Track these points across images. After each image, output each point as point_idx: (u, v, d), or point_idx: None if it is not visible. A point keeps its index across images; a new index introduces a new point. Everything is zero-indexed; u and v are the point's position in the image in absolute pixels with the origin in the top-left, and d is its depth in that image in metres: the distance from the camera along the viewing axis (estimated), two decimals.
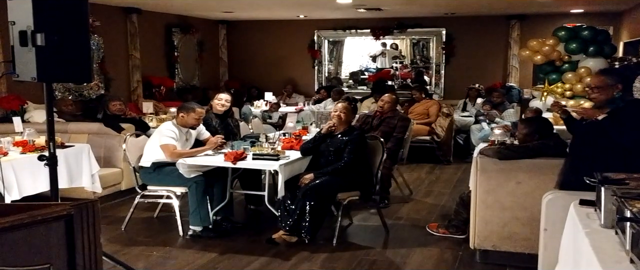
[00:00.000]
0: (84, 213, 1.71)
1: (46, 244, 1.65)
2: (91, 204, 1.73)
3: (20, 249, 1.59)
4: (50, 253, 1.66)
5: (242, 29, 12.55)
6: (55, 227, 1.66)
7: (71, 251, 1.69)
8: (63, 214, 1.65)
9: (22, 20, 2.81)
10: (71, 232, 1.69)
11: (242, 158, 5.08)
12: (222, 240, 5.17)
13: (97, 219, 1.76)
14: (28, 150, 5.43)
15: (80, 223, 1.70)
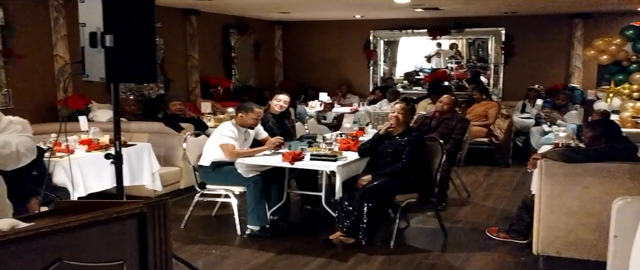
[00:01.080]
0: (156, 211, 1.73)
1: (120, 241, 1.69)
2: (163, 203, 1.76)
3: (96, 245, 1.63)
4: (124, 250, 1.69)
5: (297, 30, 12.61)
6: (128, 225, 1.69)
7: (143, 248, 1.72)
8: (136, 212, 1.68)
9: (92, 22, 2.89)
10: (144, 230, 1.72)
11: (299, 158, 5.08)
12: (279, 240, 5.19)
13: (168, 218, 1.79)
14: (93, 149, 5.59)
15: (152, 221, 1.73)
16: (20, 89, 6.89)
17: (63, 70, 7.35)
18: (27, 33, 6.95)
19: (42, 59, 7.21)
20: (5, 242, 1.44)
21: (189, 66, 9.96)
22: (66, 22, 7.25)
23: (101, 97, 7.74)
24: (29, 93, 7.01)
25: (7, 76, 6.76)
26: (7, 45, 6.70)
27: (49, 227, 1.52)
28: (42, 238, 1.52)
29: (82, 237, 1.60)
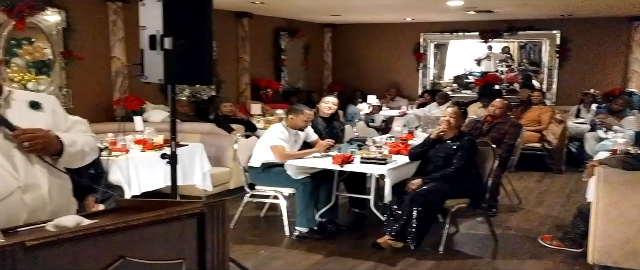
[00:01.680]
0: (215, 212, 1.77)
1: (180, 240, 1.72)
2: (222, 204, 1.79)
3: (158, 244, 1.67)
4: (184, 249, 1.73)
5: (347, 33, 12.62)
6: (188, 225, 1.73)
7: (202, 248, 1.75)
8: (197, 212, 1.72)
9: (152, 25, 2.97)
10: (203, 230, 1.75)
11: (349, 161, 5.09)
12: (327, 242, 5.20)
13: (226, 219, 1.82)
14: (147, 149, 5.72)
15: (211, 222, 1.76)
16: (79, 89, 7.12)
17: (120, 71, 7.56)
18: (86, 35, 7.18)
19: (100, 60, 7.44)
20: (73, 239, 1.50)
21: (240, 68, 10.10)
22: (124, 25, 7.47)
23: (155, 98, 7.93)
24: (87, 93, 7.24)
25: (67, 77, 7.00)
26: (68, 47, 6.94)
27: (114, 225, 1.57)
28: (107, 235, 1.57)
29: (144, 235, 1.65)
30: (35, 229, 1.80)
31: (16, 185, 1.93)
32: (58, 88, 6.87)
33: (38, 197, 1.98)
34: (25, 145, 1.97)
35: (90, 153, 2.20)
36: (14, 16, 6.21)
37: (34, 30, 6.60)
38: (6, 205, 1.87)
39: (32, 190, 1.96)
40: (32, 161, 2.00)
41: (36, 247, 1.43)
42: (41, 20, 6.65)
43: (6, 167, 1.92)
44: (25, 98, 2.12)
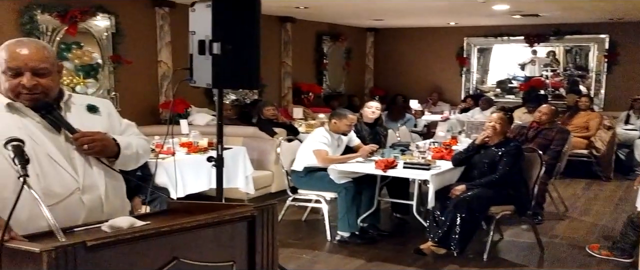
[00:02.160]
0: (265, 215, 1.79)
1: (231, 243, 1.75)
2: (271, 207, 1.81)
3: (209, 246, 1.70)
4: (234, 251, 1.76)
5: (389, 37, 12.59)
6: (239, 227, 1.76)
7: (252, 251, 1.78)
8: (247, 215, 1.74)
9: (201, 30, 3.03)
10: (253, 233, 1.78)
11: (392, 166, 5.07)
12: (368, 247, 5.19)
13: (275, 222, 1.84)
14: (192, 151, 5.81)
15: (262, 225, 1.79)
16: (126, 92, 7.29)
17: (166, 75, 7.72)
18: (134, 40, 7.35)
19: (147, 64, 7.61)
20: (130, 239, 1.54)
21: (282, 72, 10.18)
22: (170, 30, 7.62)
23: (199, 101, 8.06)
24: (134, 97, 7.40)
25: (115, 80, 7.18)
26: (117, 51, 7.12)
27: (169, 227, 1.60)
28: (162, 236, 1.61)
29: (196, 237, 1.68)
30: (90, 229, 1.86)
31: (75, 186, 1.99)
32: (106, 91, 7.05)
33: (95, 198, 2.04)
34: (84, 148, 2.03)
35: (143, 155, 2.27)
36: (67, 21, 6.41)
37: (84, 35, 6.79)
38: (65, 205, 1.93)
39: (90, 191, 2.02)
40: (90, 163, 2.06)
41: (96, 247, 1.47)
42: (92, 25, 6.85)
43: (66, 168, 1.99)
44: (83, 101, 2.20)
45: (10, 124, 1.96)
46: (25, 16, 6.13)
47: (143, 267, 1.60)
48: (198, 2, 3.06)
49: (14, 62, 2.01)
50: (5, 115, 2.00)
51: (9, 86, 2.02)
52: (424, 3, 8.22)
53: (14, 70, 2.01)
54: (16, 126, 1.96)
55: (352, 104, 10.69)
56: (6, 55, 2.02)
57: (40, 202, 1.68)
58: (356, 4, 8.37)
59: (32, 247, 1.45)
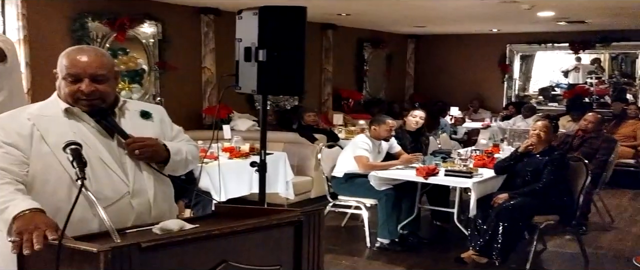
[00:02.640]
0: (311, 221, 1.82)
1: (278, 247, 1.78)
2: (318, 213, 1.84)
3: (257, 250, 1.74)
4: (280, 256, 1.79)
5: (430, 43, 12.52)
6: (286, 232, 1.79)
7: (298, 256, 1.81)
8: (294, 220, 1.77)
9: (247, 37, 3.09)
10: (299, 238, 1.80)
11: (434, 173, 5.05)
12: (408, 254, 5.17)
13: (322, 228, 1.86)
14: (235, 156, 5.89)
15: (308, 230, 1.81)
16: (171, 98, 7.44)
17: (209, 81, 7.85)
18: (179, 46, 7.51)
19: (191, 70, 7.76)
20: (182, 242, 1.59)
21: (322, 78, 10.23)
22: (215, 37, 7.76)
23: (241, 107, 8.16)
24: (178, 102, 7.55)
25: (160, 86, 7.34)
26: (163, 58, 7.28)
27: (219, 230, 1.65)
28: (212, 239, 1.65)
29: (245, 240, 1.72)
30: (141, 231, 1.91)
31: (126, 190, 2.04)
32: (151, 96, 7.22)
33: (144, 202, 2.09)
34: (135, 153, 2.09)
35: (193, 161, 2.32)
36: (116, 28, 6.60)
37: (132, 42, 6.98)
38: (116, 208, 1.98)
39: (139, 195, 2.08)
40: (141, 168, 2.12)
41: (149, 248, 1.52)
42: (139, 32, 7.03)
43: (117, 172, 2.05)
44: (136, 107, 2.26)
45: (66, 129, 2.03)
46: (76, 23, 6.33)
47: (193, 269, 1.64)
48: (245, 10, 3.12)
49: (74, 69, 2.08)
50: (62, 119, 2.07)
51: (68, 92, 2.09)
52: (467, 10, 8.16)
53: (73, 76, 2.08)
54: (72, 131, 2.02)
55: (392, 111, 10.65)
56: (67, 62, 2.09)
57: (97, 204, 1.74)
58: (398, 11, 8.36)
59: (90, 247, 1.51)
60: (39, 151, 1.99)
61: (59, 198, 1.95)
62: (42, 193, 1.95)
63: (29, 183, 1.97)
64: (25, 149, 1.99)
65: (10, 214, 1.77)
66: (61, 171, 1.96)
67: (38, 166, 1.98)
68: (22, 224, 1.72)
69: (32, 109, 2.12)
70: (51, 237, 1.66)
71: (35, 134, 2.00)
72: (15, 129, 2.01)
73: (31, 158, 1.99)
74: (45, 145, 2.00)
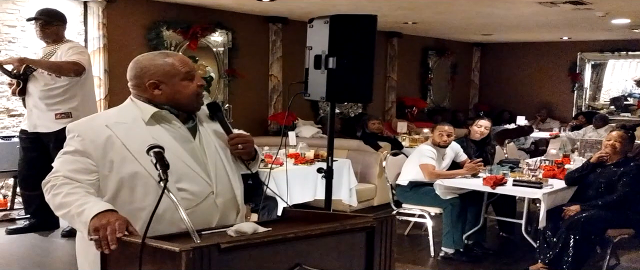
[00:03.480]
0: (384, 227, 1.83)
1: (350, 252, 1.81)
2: (390, 219, 1.85)
3: (330, 254, 1.76)
4: (353, 261, 1.81)
5: (497, 52, 12.32)
6: (358, 238, 1.81)
7: (369, 262, 1.82)
8: (367, 226, 1.80)
9: (318, 45, 3.14)
10: (371, 244, 1.82)
11: (501, 183, 4.96)
12: (473, 265, 5.09)
13: (394, 234, 1.88)
14: (299, 162, 5.97)
15: (380, 236, 1.83)
16: (239, 104, 7.62)
17: (276, 88, 8.00)
18: (248, 54, 7.70)
19: (258, 78, 7.94)
20: (259, 244, 1.63)
21: (387, 86, 10.23)
22: (282, 45, 7.91)
23: (305, 114, 8.26)
24: (245, 108, 7.73)
25: (229, 93, 7.54)
26: (232, 65, 7.48)
27: (294, 233, 1.68)
28: (287, 243, 1.69)
29: (318, 245, 1.75)
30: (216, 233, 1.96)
31: (209, 190, 2.07)
32: (220, 103, 7.41)
33: (227, 201, 2.13)
34: (239, 147, 2.15)
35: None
36: (189, 37, 6.84)
37: (203, 50, 7.20)
38: (201, 208, 2.01)
39: (223, 195, 2.11)
40: (222, 168, 2.14)
41: (228, 249, 1.57)
42: (211, 40, 7.26)
43: (200, 173, 2.08)
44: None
45: (146, 135, 2.04)
46: (152, 32, 6.61)
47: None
48: (316, 19, 3.17)
49: (188, 67, 2.12)
50: (141, 126, 2.06)
51: (192, 91, 2.12)
52: (538, 18, 7.99)
53: (190, 74, 2.12)
54: (151, 136, 2.03)
55: (456, 120, 10.55)
56: (178, 63, 2.10)
57: (178, 204, 1.81)
58: (466, 19, 8.28)
59: (172, 247, 1.57)
60: (122, 158, 2.00)
61: (149, 203, 1.96)
62: (132, 200, 1.99)
63: (114, 190, 1.99)
64: (97, 157, 2.00)
65: (88, 216, 1.82)
66: (147, 176, 1.98)
67: (123, 173, 1.99)
68: (96, 222, 1.79)
69: (108, 116, 2.14)
70: (120, 234, 1.74)
71: (115, 142, 2.01)
72: (91, 136, 2.01)
73: (110, 166, 1.99)
74: (127, 152, 2.00)
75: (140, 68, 2.11)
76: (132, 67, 2.14)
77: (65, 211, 1.91)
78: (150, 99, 2.10)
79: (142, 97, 2.11)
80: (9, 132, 5.86)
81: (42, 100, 4.63)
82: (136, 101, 2.13)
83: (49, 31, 4.67)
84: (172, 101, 2.10)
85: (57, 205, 1.94)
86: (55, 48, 4.64)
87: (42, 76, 4.61)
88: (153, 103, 2.10)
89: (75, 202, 1.88)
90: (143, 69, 2.10)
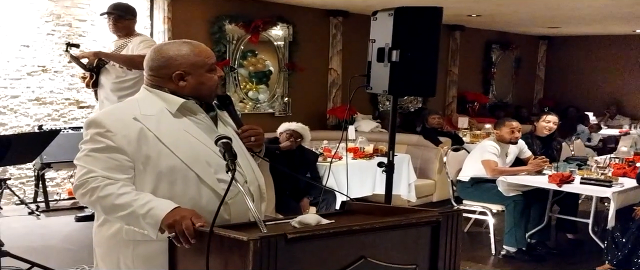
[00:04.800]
0: (449, 221, 1.81)
1: (414, 246, 1.79)
2: (456, 214, 1.83)
3: (394, 247, 1.76)
4: (417, 255, 1.80)
5: (564, 45, 11.95)
6: (423, 232, 1.79)
7: (434, 256, 1.80)
8: (432, 220, 1.78)
9: (381, 38, 3.12)
10: (436, 238, 1.80)
11: (568, 181, 4.81)
12: (536, 265, 4.97)
13: (459, 229, 1.85)
14: (358, 157, 5.96)
15: (446, 230, 1.81)
16: (298, 98, 7.68)
17: (335, 82, 8.01)
18: (308, 48, 7.73)
19: (318, 71, 7.97)
20: (324, 235, 1.64)
21: (448, 81, 10.09)
22: (342, 38, 7.91)
23: (364, 109, 8.24)
24: (304, 102, 7.77)
25: (289, 86, 7.60)
26: (292, 59, 7.54)
27: (360, 225, 1.68)
28: (352, 235, 1.69)
29: (383, 238, 1.74)
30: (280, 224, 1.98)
31: (243, 179, 2.04)
32: (279, 97, 7.48)
33: (256, 190, 2.11)
34: (251, 140, 2.14)
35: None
36: (250, 31, 6.93)
37: (264, 44, 7.28)
38: (240, 198, 1.93)
39: (252, 184, 2.09)
40: (246, 157, 2.12)
41: (294, 240, 1.59)
42: (271, 34, 7.33)
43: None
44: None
45: (176, 126, 2.00)
46: (215, 26, 6.74)
47: (332, 263, 1.68)
48: (380, 12, 3.15)
49: (213, 59, 2.10)
50: (168, 117, 2.00)
51: (214, 82, 2.10)
52: (609, 9, 7.69)
53: (214, 66, 2.09)
54: (182, 128, 2.00)
55: (520, 115, 10.30)
56: (205, 54, 2.07)
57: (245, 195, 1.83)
58: (533, 11, 8.05)
59: (240, 236, 1.59)
60: (158, 152, 1.93)
61: (191, 196, 1.93)
62: (172, 194, 1.92)
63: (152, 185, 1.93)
64: (131, 152, 1.93)
65: (159, 216, 1.81)
66: (185, 169, 1.93)
67: (161, 168, 1.93)
68: (170, 219, 1.79)
69: (132, 108, 2.01)
70: (199, 224, 1.75)
71: (147, 135, 1.94)
72: (123, 131, 1.94)
73: (146, 161, 1.93)
74: (162, 145, 1.94)
75: (166, 59, 2.04)
76: (156, 57, 2.06)
77: (125, 213, 1.86)
78: (173, 90, 2.04)
79: (166, 88, 2.04)
80: (78, 123, 6.11)
81: (113, 92, 4.80)
82: (157, 92, 2.05)
83: (121, 25, 4.82)
84: (194, 92, 2.05)
85: (110, 208, 1.89)
86: (127, 41, 4.79)
87: (113, 69, 4.77)
88: (177, 94, 2.04)
89: (135, 203, 1.85)
90: (169, 60, 2.03)
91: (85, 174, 1.92)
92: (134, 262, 1.98)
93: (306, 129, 5.28)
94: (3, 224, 4.15)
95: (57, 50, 6.06)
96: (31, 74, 5.97)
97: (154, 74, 2.06)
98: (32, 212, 5.66)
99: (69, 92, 6.20)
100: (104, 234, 2.04)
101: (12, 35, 5.83)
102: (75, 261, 4.40)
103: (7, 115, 5.87)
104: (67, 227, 5.43)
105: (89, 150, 1.95)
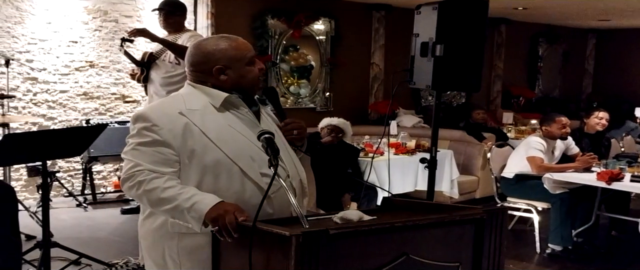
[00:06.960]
0: (494, 219, 1.77)
1: (458, 244, 1.77)
2: (501, 212, 1.79)
3: (437, 245, 1.74)
4: (460, 253, 1.77)
5: (614, 38, 11.59)
6: (467, 229, 1.77)
7: (478, 254, 1.77)
8: (476, 218, 1.75)
9: (425, 32, 3.08)
10: (480, 236, 1.77)
11: (618, 178, 4.66)
12: (582, 264, 4.85)
13: (504, 227, 1.81)
14: (400, 152, 5.92)
15: (490, 228, 1.77)
16: (339, 93, 7.67)
17: (377, 77, 7.97)
18: (350, 42, 7.72)
19: (360, 66, 7.94)
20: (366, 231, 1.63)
21: (492, 75, 9.92)
22: (385, 33, 7.86)
23: (406, 104, 8.17)
24: (345, 97, 7.76)
25: (330, 81, 7.59)
26: (334, 54, 7.53)
27: (403, 222, 1.67)
28: (394, 232, 1.67)
29: (426, 235, 1.72)
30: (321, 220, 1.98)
31: (285, 174, 2.05)
32: (321, 91, 7.48)
33: (298, 185, 2.11)
34: (294, 133, 2.15)
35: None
36: (293, 25, 6.96)
37: (306, 38, 7.29)
38: (282, 193, 1.94)
39: (294, 178, 2.09)
40: (285, 150, 2.11)
41: (336, 236, 1.58)
42: (314, 29, 7.35)
43: None
44: None
45: (220, 121, 2.02)
46: (257, 21, 6.78)
47: (374, 259, 1.68)
48: (424, 5, 3.11)
49: (251, 52, 2.11)
50: (212, 111, 2.02)
51: (255, 75, 2.11)
52: None
53: (253, 59, 2.11)
54: (226, 123, 2.02)
55: (567, 111, 10.02)
56: (243, 48, 2.09)
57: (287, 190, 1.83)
58: (582, 3, 7.82)
59: (283, 231, 1.60)
60: (204, 147, 1.95)
61: (235, 190, 1.95)
62: (216, 188, 1.94)
63: (197, 179, 1.95)
64: (177, 146, 1.95)
65: (203, 210, 1.83)
66: (230, 164, 1.95)
67: (206, 162, 1.95)
68: (213, 213, 1.81)
69: (178, 103, 2.04)
70: (241, 218, 1.77)
71: (193, 129, 1.96)
72: (168, 125, 1.96)
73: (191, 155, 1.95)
74: (207, 140, 1.96)
75: (205, 54, 2.07)
76: (195, 52, 2.10)
77: (170, 206, 1.89)
78: (215, 85, 2.07)
79: (208, 83, 2.07)
80: (124, 117, 6.25)
81: (163, 87, 4.87)
82: (200, 87, 2.08)
83: (171, 21, 4.89)
84: (236, 86, 2.07)
85: (156, 201, 1.91)
86: (177, 37, 4.85)
87: (163, 64, 4.85)
88: (220, 88, 2.06)
89: (180, 197, 1.87)
90: (208, 55, 2.07)
91: (132, 168, 1.95)
92: (179, 254, 2.00)
93: (347, 124, 5.26)
94: (52, 216, 4.27)
95: (104, 45, 6.20)
96: (79, 69, 6.14)
97: (195, 69, 2.10)
98: (79, 204, 5.82)
99: (116, 87, 6.35)
100: (149, 227, 2.08)
101: (61, 31, 6.00)
102: (122, 253, 4.50)
103: (57, 109, 6.05)
104: (114, 219, 5.57)
105: (135, 144, 1.99)
